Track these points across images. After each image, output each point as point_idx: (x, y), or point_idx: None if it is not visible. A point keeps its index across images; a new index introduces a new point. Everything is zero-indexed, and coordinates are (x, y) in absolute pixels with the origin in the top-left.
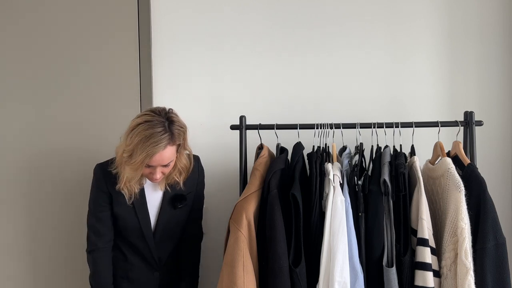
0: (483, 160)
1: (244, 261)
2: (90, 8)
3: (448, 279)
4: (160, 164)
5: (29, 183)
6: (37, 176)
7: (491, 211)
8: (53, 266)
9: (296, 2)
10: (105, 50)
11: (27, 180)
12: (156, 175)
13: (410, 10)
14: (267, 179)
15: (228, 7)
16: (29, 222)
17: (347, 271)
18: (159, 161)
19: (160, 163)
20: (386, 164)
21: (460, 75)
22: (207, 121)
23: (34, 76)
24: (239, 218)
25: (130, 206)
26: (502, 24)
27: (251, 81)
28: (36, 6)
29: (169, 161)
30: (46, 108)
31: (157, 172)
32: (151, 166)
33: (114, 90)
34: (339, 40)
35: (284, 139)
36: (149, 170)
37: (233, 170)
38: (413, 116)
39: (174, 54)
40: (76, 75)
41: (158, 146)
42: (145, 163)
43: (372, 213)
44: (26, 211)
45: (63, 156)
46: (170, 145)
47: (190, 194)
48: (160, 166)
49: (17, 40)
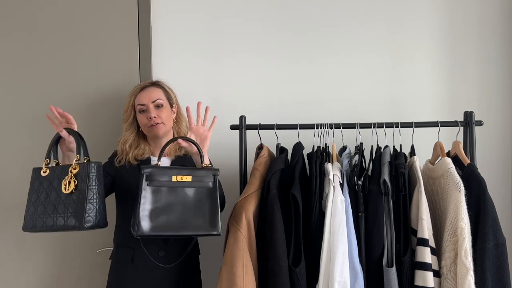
0: (483, 160)
1: (244, 261)
2: (90, 8)
3: (448, 279)
4: (150, 101)
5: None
6: None
7: (491, 211)
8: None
9: (296, 2)
10: (105, 50)
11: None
12: (151, 113)
13: (410, 10)
14: (267, 179)
15: (228, 7)
16: None
17: (347, 271)
18: (147, 96)
19: (149, 99)
20: (386, 164)
21: (460, 75)
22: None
23: (34, 77)
24: (239, 218)
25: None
26: (502, 24)
27: (251, 81)
28: (36, 6)
29: (158, 99)
30: (46, 111)
31: (151, 111)
32: (144, 111)
33: (114, 91)
34: (339, 40)
35: (284, 139)
36: (145, 114)
37: (233, 170)
38: (413, 116)
39: (174, 54)
40: (76, 75)
41: (141, 84)
42: (133, 102)
43: (372, 213)
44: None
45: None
46: (156, 87)
47: None
48: (153, 107)
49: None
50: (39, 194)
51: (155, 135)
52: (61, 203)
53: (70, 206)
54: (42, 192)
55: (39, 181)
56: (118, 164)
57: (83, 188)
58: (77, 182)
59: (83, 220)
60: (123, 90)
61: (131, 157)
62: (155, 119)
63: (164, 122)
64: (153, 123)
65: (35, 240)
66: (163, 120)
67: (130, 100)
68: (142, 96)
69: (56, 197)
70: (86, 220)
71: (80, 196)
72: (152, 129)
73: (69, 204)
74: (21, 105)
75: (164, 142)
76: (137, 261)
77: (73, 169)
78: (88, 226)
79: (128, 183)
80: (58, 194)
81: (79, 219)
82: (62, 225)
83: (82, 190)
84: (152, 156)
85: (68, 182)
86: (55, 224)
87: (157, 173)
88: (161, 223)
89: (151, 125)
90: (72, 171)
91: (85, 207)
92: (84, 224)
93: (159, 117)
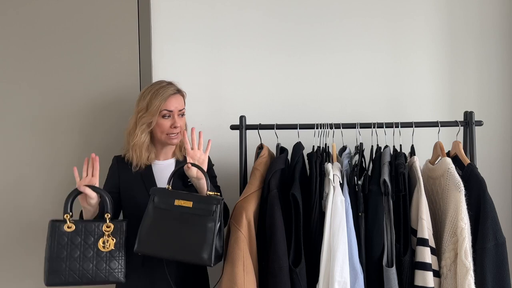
0: (483, 160)
1: (244, 260)
2: (90, 8)
3: (448, 279)
4: (177, 109)
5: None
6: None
7: (491, 211)
8: None
9: (296, 1)
10: (105, 50)
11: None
12: (177, 123)
13: (410, 10)
14: (267, 179)
15: (228, 7)
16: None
17: (347, 271)
18: (175, 104)
19: (177, 106)
20: (386, 164)
21: (460, 75)
22: (207, 121)
23: (34, 77)
24: (239, 218)
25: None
26: (502, 24)
27: (251, 80)
28: (36, 7)
29: (183, 109)
30: (46, 112)
31: (177, 120)
32: (168, 116)
33: (114, 91)
34: (339, 40)
35: (284, 139)
36: (170, 121)
37: (233, 170)
38: (413, 116)
39: (174, 54)
40: (76, 75)
41: (170, 89)
42: (162, 108)
43: (372, 213)
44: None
45: (65, 158)
46: (180, 94)
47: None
48: (178, 116)
49: (16, 46)
50: (66, 250)
51: (171, 144)
52: (99, 260)
53: (111, 263)
54: (72, 248)
55: (61, 236)
56: (135, 170)
57: (118, 246)
58: (115, 240)
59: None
60: (123, 90)
61: (145, 160)
62: (178, 128)
63: (181, 131)
64: (175, 131)
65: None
66: (182, 129)
67: (159, 104)
68: (171, 103)
69: (93, 254)
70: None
71: (117, 253)
72: (171, 137)
73: (109, 261)
74: (21, 105)
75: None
76: (147, 265)
77: (107, 227)
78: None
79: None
80: (95, 251)
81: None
82: (103, 280)
83: (118, 248)
84: (156, 160)
85: (106, 240)
86: (97, 280)
87: (164, 195)
88: (159, 245)
89: (172, 133)
90: (106, 229)
91: (122, 262)
92: (122, 278)
93: (181, 126)
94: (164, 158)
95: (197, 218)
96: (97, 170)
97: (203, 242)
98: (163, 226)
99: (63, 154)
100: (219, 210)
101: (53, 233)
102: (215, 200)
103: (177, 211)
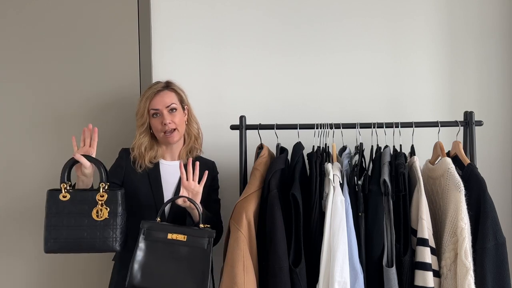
0: (483, 160)
1: (244, 261)
2: (90, 8)
3: (448, 279)
4: (164, 106)
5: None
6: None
7: (491, 211)
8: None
9: (296, 1)
10: (105, 50)
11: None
12: (166, 119)
13: (410, 10)
14: (267, 179)
15: (228, 7)
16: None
17: (347, 271)
18: (160, 101)
19: (163, 104)
20: (386, 164)
21: (460, 75)
22: (207, 121)
23: (33, 78)
24: (239, 218)
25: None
26: (502, 24)
27: (251, 81)
28: (37, 8)
29: (172, 104)
30: (49, 112)
31: (166, 117)
32: (157, 115)
33: (114, 91)
34: (339, 40)
35: (284, 139)
36: (159, 119)
37: (233, 170)
38: (413, 116)
39: (174, 54)
40: (76, 75)
41: (155, 87)
42: (148, 107)
43: (372, 213)
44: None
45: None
46: (169, 90)
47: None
48: (167, 112)
49: (18, 43)
50: (62, 218)
51: (169, 143)
52: (93, 229)
53: (105, 232)
54: (68, 217)
55: (58, 205)
56: (140, 169)
57: (112, 215)
58: (108, 209)
59: (116, 244)
60: (123, 90)
61: (147, 160)
62: (169, 125)
63: (178, 127)
64: (167, 129)
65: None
66: (177, 126)
67: (144, 105)
68: (156, 101)
69: (87, 223)
70: (118, 244)
71: (111, 222)
72: (166, 137)
73: (102, 230)
74: (21, 106)
75: (175, 145)
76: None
77: (101, 197)
78: (119, 249)
79: (137, 189)
80: (89, 220)
81: (112, 243)
82: (97, 248)
83: (112, 217)
84: (163, 159)
85: (100, 209)
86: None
87: (155, 228)
88: (151, 278)
89: (165, 131)
90: (99, 199)
91: (117, 232)
92: (117, 247)
93: (173, 122)
94: (171, 158)
95: (191, 253)
96: (95, 141)
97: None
98: (155, 260)
99: (64, 155)
100: (211, 244)
101: (50, 201)
102: (207, 233)
103: (170, 246)
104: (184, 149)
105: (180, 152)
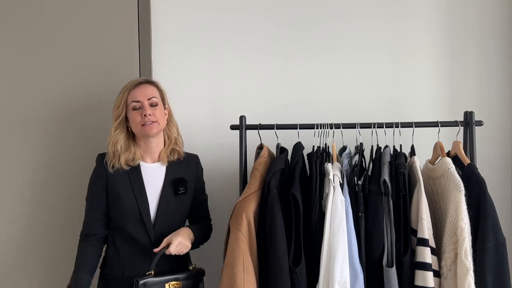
0: (483, 160)
1: (244, 261)
2: (90, 8)
3: (448, 279)
4: (145, 98)
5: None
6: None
7: (491, 211)
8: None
9: (297, 2)
10: (105, 51)
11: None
12: (146, 110)
13: (410, 11)
14: (267, 179)
15: (228, 7)
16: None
17: (347, 271)
18: (142, 93)
19: (145, 95)
20: (386, 164)
21: (460, 75)
22: (207, 121)
23: (33, 77)
24: (239, 218)
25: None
26: (502, 24)
27: (251, 81)
28: (36, 7)
29: (154, 98)
30: (46, 112)
31: (146, 108)
32: (138, 108)
33: (114, 92)
34: (339, 40)
35: (284, 139)
36: (139, 112)
37: (233, 170)
38: (413, 116)
39: (174, 54)
40: (75, 75)
41: (136, 80)
42: (126, 99)
43: (372, 213)
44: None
45: (64, 160)
46: (149, 84)
47: (190, 183)
48: (148, 105)
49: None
50: None
51: (147, 135)
52: None
53: None
54: None
55: None
56: (112, 169)
57: None
58: None
59: None
60: None
61: (123, 161)
62: (150, 117)
63: (158, 121)
64: (147, 121)
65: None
66: (158, 119)
67: (123, 97)
68: (137, 92)
69: None
70: None
71: None
72: (145, 127)
73: None
74: (21, 106)
75: (154, 143)
76: (128, 275)
77: None
78: None
79: (118, 190)
80: None
81: None
82: None
83: None
84: (142, 161)
85: None
86: None
87: (151, 283)
88: None
89: (145, 123)
90: None
91: None
92: None
93: (154, 115)
94: (151, 160)
95: None
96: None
97: None
98: None
99: (62, 157)
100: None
101: None
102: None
103: None
104: (165, 151)
105: (161, 154)
